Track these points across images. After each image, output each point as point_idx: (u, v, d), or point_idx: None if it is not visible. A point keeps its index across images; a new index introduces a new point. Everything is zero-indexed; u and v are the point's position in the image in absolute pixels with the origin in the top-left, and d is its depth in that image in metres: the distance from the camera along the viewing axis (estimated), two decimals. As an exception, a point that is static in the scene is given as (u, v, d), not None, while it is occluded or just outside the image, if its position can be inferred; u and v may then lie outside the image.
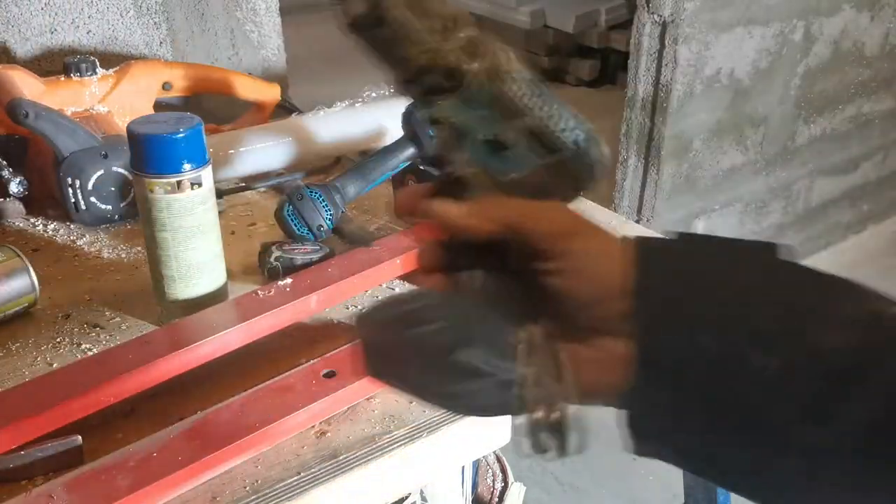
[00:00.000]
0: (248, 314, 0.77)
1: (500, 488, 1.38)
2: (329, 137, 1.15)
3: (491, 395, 0.42)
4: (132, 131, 0.76)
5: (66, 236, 1.02)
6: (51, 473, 0.66)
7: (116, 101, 1.12)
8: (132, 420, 0.72)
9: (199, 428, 0.68)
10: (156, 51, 1.34)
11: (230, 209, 1.08)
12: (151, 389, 0.72)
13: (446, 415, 0.73)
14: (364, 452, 0.69)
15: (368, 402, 0.74)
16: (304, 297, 0.79)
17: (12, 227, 1.04)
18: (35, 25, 1.23)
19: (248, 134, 1.13)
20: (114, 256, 0.98)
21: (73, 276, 0.93)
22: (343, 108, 1.17)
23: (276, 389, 0.72)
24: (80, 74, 1.10)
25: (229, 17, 1.40)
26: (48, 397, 0.66)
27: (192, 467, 0.64)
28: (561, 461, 1.92)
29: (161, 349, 0.71)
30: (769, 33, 2.08)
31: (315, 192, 0.95)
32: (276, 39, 1.47)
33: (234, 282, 0.90)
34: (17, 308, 0.83)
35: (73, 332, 0.83)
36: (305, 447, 0.69)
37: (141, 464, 0.64)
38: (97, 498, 0.61)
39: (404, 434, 0.71)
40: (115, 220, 1.04)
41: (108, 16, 1.28)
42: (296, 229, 0.94)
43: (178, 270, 0.80)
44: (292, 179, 1.13)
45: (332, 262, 0.86)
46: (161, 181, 0.76)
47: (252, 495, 0.65)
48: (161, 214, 0.78)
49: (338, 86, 1.37)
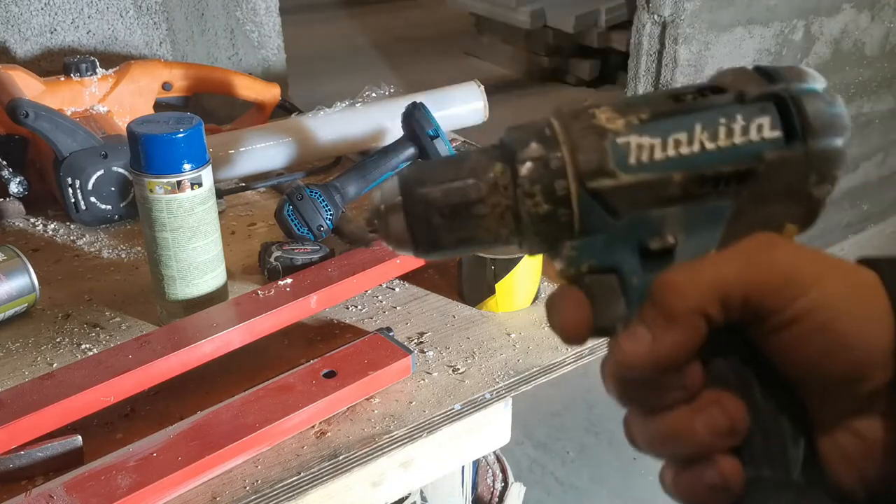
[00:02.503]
0: (248, 314, 0.77)
1: (500, 488, 1.38)
2: (329, 137, 1.15)
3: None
4: (132, 131, 0.76)
5: (66, 236, 1.02)
6: (51, 473, 0.66)
7: (116, 101, 1.12)
8: (132, 420, 0.72)
9: (199, 428, 0.68)
10: (156, 51, 1.34)
11: (230, 209, 1.08)
12: (151, 389, 0.72)
13: (446, 415, 0.73)
14: (364, 452, 0.69)
15: (368, 402, 0.74)
16: (304, 297, 0.79)
17: (12, 227, 1.04)
18: (35, 25, 1.23)
19: (248, 134, 1.13)
20: (114, 256, 0.98)
21: (73, 276, 0.93)
22: (343, 108, 1.17)
23: (276, 389, 0.72)
24: (80, 74, 1.10)
25: (229, 17, 1.40)
26: (48, 397, 0.66)
27: (192, 467, 0.64)
28: (561, 461, 1.92)
29: (161, 349, 0.72)
30: (769, 33, 2.08)
31: (315, 192, 0.95)
32: (276, 39, 1.47)
33: (234, 282, 0.90)
34: (17, 308, 0.83)
35: (73, 332, 0.83)
36: (305, 447, 0.69)
37: (141, 464, 0.64)
38: (97, 498, 0.61)
39: (404, 434, 0.71)
40: (115, 220, 1.04)
41: (108, 16, 1.28)
42: (296, 229, 0.94)
43: (178, 270, 0.80)
44: (292, 179, 1.13)
45: (332, 262, 0.86)
46: (161, 181, 0.76)
47: (252, 495, 0.65)
48: (161, 214, 0.78)
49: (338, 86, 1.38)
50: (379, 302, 0.88)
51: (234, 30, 1.41)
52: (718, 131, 0.33)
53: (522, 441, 1.97)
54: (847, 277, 0.32)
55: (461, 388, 0.76)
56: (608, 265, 0.35)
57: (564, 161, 0.34)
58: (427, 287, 0.90)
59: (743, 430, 0.33)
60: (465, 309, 0.87)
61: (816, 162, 0.34)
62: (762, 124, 0.34)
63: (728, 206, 0.34)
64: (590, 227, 0.34)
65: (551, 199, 0.34)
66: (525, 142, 0.34)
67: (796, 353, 0.32)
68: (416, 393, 0.75)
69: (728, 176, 0.33)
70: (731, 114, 0.34)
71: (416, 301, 0.88)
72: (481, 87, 1.23)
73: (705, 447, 0.32)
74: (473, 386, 0.76)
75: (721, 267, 0.32)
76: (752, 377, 0.34)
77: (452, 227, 0.35)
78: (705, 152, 0.33)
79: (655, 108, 0.34)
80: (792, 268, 0.31)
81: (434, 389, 0.75)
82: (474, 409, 0.74)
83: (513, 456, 1.83)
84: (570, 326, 0.34)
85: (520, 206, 0.34)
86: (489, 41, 4.31)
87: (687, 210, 0.34)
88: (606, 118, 0.34)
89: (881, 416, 0.32)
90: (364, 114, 1.17)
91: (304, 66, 2.32)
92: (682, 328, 0.32)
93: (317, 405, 0.70)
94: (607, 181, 0.33)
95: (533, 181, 0.34)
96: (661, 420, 0.33)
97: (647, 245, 0.34)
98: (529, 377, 0.78)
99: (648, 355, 0.32)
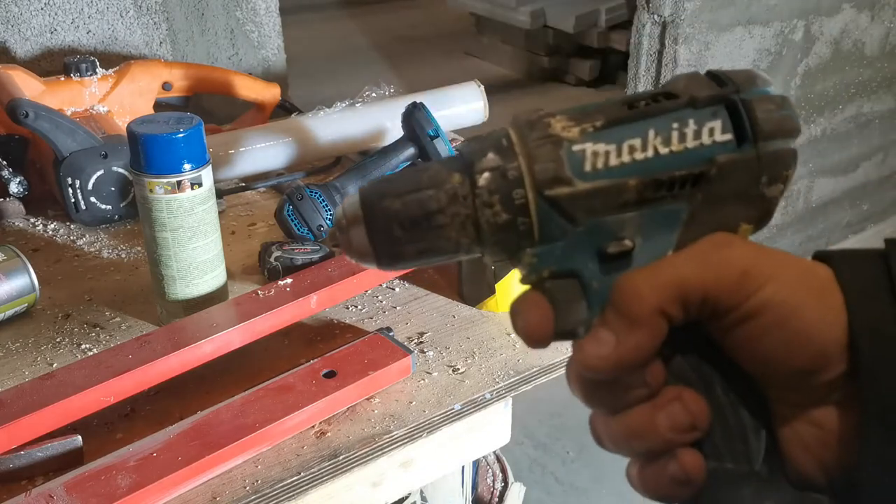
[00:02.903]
0: (248, 314, 0.77)
1: (500, 488, 1.38)
2: (329, 137, 1.15)
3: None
4: (132, 131, 0.76)
5: (66, 236, 1.02)
6: (51, 473, 0.66)
7: (116, 101, 1.12)
8: (132, 420, 0.72)
9: (199, 428, 0.68)
10: (156, 51, 1.34)
11: (230, 209, 1.08)
12: (151, 389, 0.72)
13: (446, 415, 0.73)
14: (364, 452, 0.69)
15: (368, 402, 0.74)
16: (304, 297, 0.79)
17: (12, 227, 1.04)
18: (35, 25, 1.23)
19: (248, 134, 1.13)
20: (114, 256, 0.98)
21: (73, 276, 0.93)
22: (343, 108, 1.17)
23: (276, 389, 0.72)
24: (80, 74, 1.10)
25: (229, 17, 1.40)
26: (48, 397, 0.66)
27: (192, 467, 0.64)
28: (561, 461, 1.92)
29: (161, 349, 0.71)
30: (769, 33, 2.08)
31: (315, 192, 0.95)
32: (276, 39, 1.47)
33: (234, 282, 0.90)
34: (17, 308, 0.83)
35: (73, 332, 0.83)
36: (305, 447, 0.69)
37: (141, 464, 0.64)
38: (97, 498, 0.61)
39: (404, 434, 0.71)
40: (115, 220, 1.04)
41: (108, 16, 1.28)
42: (296, 229, 0.94)
43: (178, 270, 0.80)
44: (292, 179, 1.13)
45: (332, 262, 0.86)
46: (161, 181, 0.76)
47: (252, 495, 0.65)
48: (161, 214, 0.78)
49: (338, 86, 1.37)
50: (379, 302, 0.88)
51: (234, 30, 1.41)
52: (671, 136, 0.34)
53: (522, 441, 1.97)
54: (801, 273, 0.33)
55: (461, 388, 0.76)
56: (568, 270, 0.35)
57: (521, 171, 0.34)
58: (427, 287, 0.90)
59: (704, 424, 0.34)
60: (465, 309, 0.87)
61: (767, 163, 0.34)
62: (714, 128, 0.34)
63: (683, 209, 0.35)
64: (549, 234, 0.35)
65: (510, 209, 0.34)
66: (482, 152, 0.35)
67: (754, 348, 0.33)
68: (416, 393, 0.75)
69: (682, 179, 0.34)
70: (683, 119, 0.34)
71: (416, 301, 0.88)
72: (481, 87, 1.23)
73: (667, 442, 0.33)
74: (473, 386, 0.76)
75: (679, 267, 0.33)
76: (712, 372, 0.35)
77: (413, 238, 0.35)
78: (659, 157, 0.34)
79: (609, 115, 0.35)
80: (747, 265, 0.32)
81: (434, 389, 0.75)
82: (474, 409, 0.74)
83: (513, 456, 1.82)
84: (533, 330, 0.35)
85: (479, 215, 0.35)
86: (489, 41, 4.31)
87: (643, 214, 0.34)
88: (562, 127, 0.34)
89: (837, 406, 0.33)
90: (364, 114, 1.17)
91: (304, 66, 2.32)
92: (644, 329, 0.33)
93: (317, 405, 0.70)
94: (564, 189, 0.34)
95: (491, 191, 0.34)
96: (624, 418, 0.34)
97: (606, 249, 0.35)
98: (529, 377, 0.78)
99: (612, 357, 0.33)
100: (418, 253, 0.36)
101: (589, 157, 0.34)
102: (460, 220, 0.35)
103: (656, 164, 0.34)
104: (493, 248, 0.36)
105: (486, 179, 0.34)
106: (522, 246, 0.35)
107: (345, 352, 0.76)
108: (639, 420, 0.34)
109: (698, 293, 0.32)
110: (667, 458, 0.33)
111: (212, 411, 0.70)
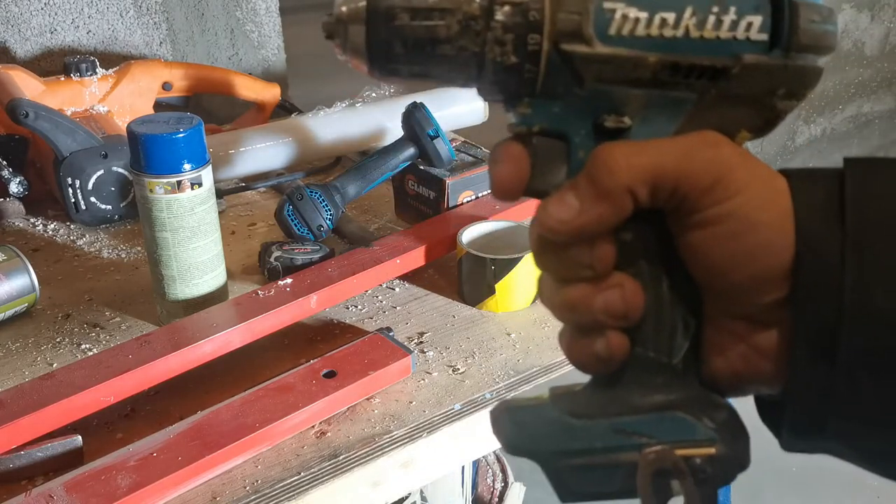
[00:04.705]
0: (248, 314, 0.77)
1: (500, 488, 1.38)
2: (329, 137, 1.15)
3: None
4: (132, 131, 0.76)
5: (66, 236, 1.02)
6: (51, 473, 0.66)
7: (116, 101, 1.12)
8: (132, 420, 0.72)
9: (199, 428, 0.68)
10: (156, 51, 1.34)
11: (230, 209, 1.08)
12: (151, 389, 0.72)
13: (446, 415, 0.73)
14: (364, 452, 0.69)
15: (368, 402, 0.74)
16: (304, 297, 0.79)
17: (12, 227, 1.04)
18: (35, 25, 1.23)
19: (248, 134, 1.13)
20: (114, 256, 0.98)
21: (73, 276, 0.94)
22: (343, 108, 1.17)
23: (276, 389, 0.72)
24: (80, 74, 1.10)
25: (229, 17, 1.40)
26: (48, 397, 0.66)
27: (192, 467, 0.64)
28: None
29: (161, 349, 0.72)
30: (769, 33, 2.08)
31: (315, 192, 0.95)
32: (276, 39, 1.47)
33: (234, 282, 0.90)
34: (17, 308, 0.83)
35: (73, 332, 0.83)
36: (305, 447, 0.69)
37: (141, 464, 0.64)
38: (97, 498, 0.61)
39: (404, 434, 0.71)
40: (115, 220, 1.04)
41: (108, 16, 1.28)
42: (296, 229, 0.94)
43: (178, 270, 0.80)
44: (292, 179, 1.13)
45: (332, 262, 0.86)
46: (161, 181, 0.76)
47: (252, 495, 0.65)
48: (161, 214, 0.78)
49: (338, 86, 1.37)
50: (379, 302, 0.88)
51: (234, 30, 1.41)
52: (707, 20, 0.32)
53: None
54: (772, 194, 0.32)
55: (461, 388, 0.76)
56: (559, 131, 0.34)
57: (544, 14, 0.32)
58: (427, 287, 0.90)
59: (636, 316, 0.34)
60: (465, 309, 0.87)
61: (792, 76, 0.33)
62: (752, 23, 0.32)
63: (691, 101, 0.33)
64: (551, 89, 0.33)
65: (520, 53, 0.32)
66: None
67: (705, 256, 0.33)
68: (416, 393, 0.75)
69: (701, 70, 0.33)
70: (725, 4, 0.32)
71: (416, 301, 0.88)
72: (481, 87, 1.23)
73: (599, 323, 0.35)
74: (473, 386, 0.76)
75: (661, 152, 0.33)
76: (660, 266, 0.35)
77: (412, 61, 0.33)
78: (688, 39, 0.32)
79: None
80: (726, 170, 0.32)
81: (434, 389, 0.76)
82: (474, 409, 0.74)
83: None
84: (506, 180, 0.35)
85: (487, 51, 0.33)
86: (489, 41, 4.31)
87: (651, 95, 0.33)
88: None
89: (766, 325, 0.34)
90: (364, 114, 1.17)
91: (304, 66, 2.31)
92: (610, 203, 0.33)
93: (317, 405, 0.70)
94: (581, 47, 0.32)
95: (507, 28, 0.32)
96: (567, 290, 0.35)
97: (602, 121, 0.34)
98: (529, 377, 0.78)
99: (572, 223, 0.33)
100: (412, 74, 0.34)
101: (618, 19, 0.32)
102: (465, 56, 0.33)
103: (682, 46, 0.32)
104: (490, 87, 0.34)
105: (505, 14, 0.32)
106: (521, 93, 0.34)
107: (345, 352, 0.76)
108: (579, 296, 0.34)
109: (670, 183, 0.32)
110: (596, 335, 0.35)
111: (212, 411, 0.70)
